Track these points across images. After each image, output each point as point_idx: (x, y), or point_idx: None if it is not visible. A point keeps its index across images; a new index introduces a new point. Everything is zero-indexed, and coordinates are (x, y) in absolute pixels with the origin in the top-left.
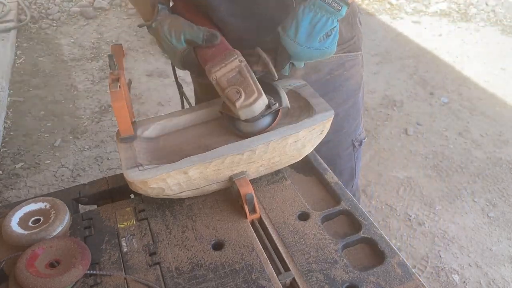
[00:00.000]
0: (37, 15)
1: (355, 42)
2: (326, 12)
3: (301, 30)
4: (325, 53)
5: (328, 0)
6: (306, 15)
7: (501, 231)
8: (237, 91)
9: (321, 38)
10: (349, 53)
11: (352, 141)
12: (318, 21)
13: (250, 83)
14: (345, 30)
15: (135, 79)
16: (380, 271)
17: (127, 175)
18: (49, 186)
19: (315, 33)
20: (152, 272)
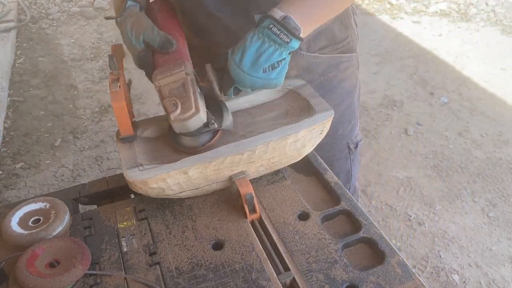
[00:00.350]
0: (37, 15)
1: (349, 43)
2: (274, 43)
3: (246, 57)
4: (270, 84)
5: (276, 31)
6: (254, 43)
7: (501, 231)
8: (174, 103)
9: (266, 69)
10: (343, 54)
11: (347, 143)
12: (265, 50)
13: (190, 98)
14: (338, 30)
15: (135, 79)
16: (380, 271)
17: (127, 175)
18: (49, 186)
19: (260, 63)
20: (152, 272)
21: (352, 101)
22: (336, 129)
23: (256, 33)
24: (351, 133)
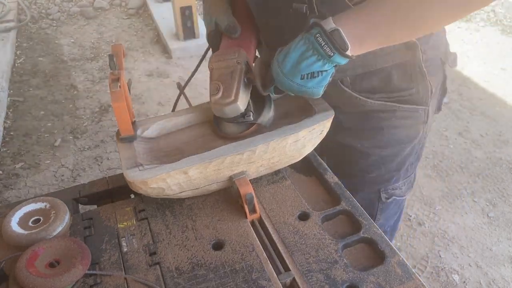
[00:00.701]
0: (37, 15)
1: (413, 95)
2: (317, 52)
3: (288, 59)
4: (306, 92)
5: (321, 41)
6: (299, 47)
7: (501, 231)
8: (217, 87)
9: (305, 76)
10: (399, 104)
11: (379, 190)
12: (307, 58)
13: (232, 86)
14: (398, 78)
15: (135, 79)
16: (380, 271)
17: (127, 175)
18: (49, 186)
19: (300, 68)
20: (152, 272)
21: (401, 152)
22: (370, 169)
23: (303, 38)
24: (387, 183)
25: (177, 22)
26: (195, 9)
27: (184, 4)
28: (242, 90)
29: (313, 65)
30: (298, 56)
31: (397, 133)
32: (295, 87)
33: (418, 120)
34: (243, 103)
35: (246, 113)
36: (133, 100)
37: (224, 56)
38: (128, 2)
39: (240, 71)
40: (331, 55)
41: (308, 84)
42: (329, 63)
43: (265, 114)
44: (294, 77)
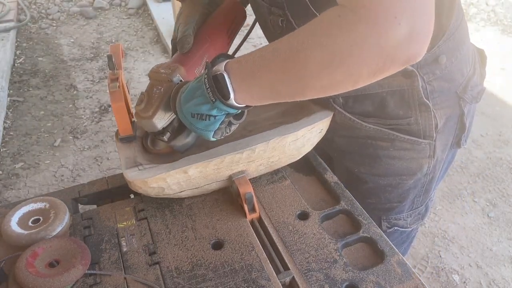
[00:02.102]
0: (37, 15)
1: (411, 125)
2: (203, 94)
3: (186, 94)
4: (196, 131)
5: (206, 84)
6: (194, 85)
7: (501, 231)
8: (142, 99)
9: (195, 115)
10: (397, 133)
11: (380, 218)
12: (196, 97)
13: (154, 102)
14: (394, 105)
15: (135, 79)
16: (380, 270)
17: (126, 175)
18: (49, 186)
19: (190, 106)
20: (152, 271)
21: (401, 185)
22: (367, 194)
23: (200, 77)
24: (388, 212)
25: None
26: None
27: None
28: (163, 108)
29: (200, 106)
30: (192, 93)
31: (396, 164)
32: (187, 123)
33: (421, 154)
34: (160, 121)
35: (163, 132)
36: (132, 100)
37: (162, 70)
38: (128, 2)
39: (167, 88)
40: (213, 100)
41: (197, 125)
42: (216, 108)
43: (180, 139)
44: (187, 113)
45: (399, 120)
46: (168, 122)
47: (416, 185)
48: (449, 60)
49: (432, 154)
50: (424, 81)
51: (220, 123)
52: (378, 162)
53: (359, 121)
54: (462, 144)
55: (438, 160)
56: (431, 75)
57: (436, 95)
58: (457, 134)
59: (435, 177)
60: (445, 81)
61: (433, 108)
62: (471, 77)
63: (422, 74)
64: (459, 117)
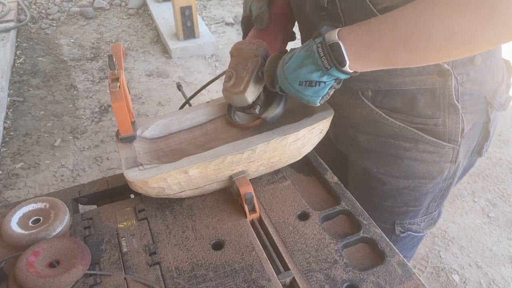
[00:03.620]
0: (37, 15)
1: (438, 126)
2: (316, 62)
3: (291, 62)
4: (303, 98)
5: (321, 52)
6: (302, 53)
7: (501, 231)
8: (230, 75)
9: (303, 83)
10: (422, 133)
11: (394, 221)
12: (306, 65)
13: (244, 77)
14: (424, 103)
15: (135, 79)
16: (380, 270)
17: (127, 175)
18: (49, 186)
19: (299, 74)
20: (152, 272)
21: (419, 188)
22: (384, 196)
23: (307, 45)
24: (403, 215)
25: (177, 22)
26: (195, 9)
27: (184, 4)
28: (253, 83)
29: (311, 74)
30: (299, 62)
31: (416, 167)
32: (293, 91)
33: (443, 158)
34: (251, 95)
35: (253, 106)
36: (133, 100)
37: (246, 46)
38: (128, 2)
39: (255, 63)
40: (328, 68)
41: (305, 92)
42: (327, 75)
43: (271, 110)
44: (293, 82)
45: (426, 119)
46: (257, 96)
47: (434, 190)
48: (484, 62)
49: (455, 159)
50: (457, 81)
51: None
52: (399, 163)
53: (386, 116)
54: (483, 153)
55: (459, 166)
56: (465, 75)
57: (466, 98)
58: (480, 142)
59: (453, 183)
60: (477, 84)
61: (461, 111)
62: (500, 84)
63: (457, 74)
64: (485, 124)
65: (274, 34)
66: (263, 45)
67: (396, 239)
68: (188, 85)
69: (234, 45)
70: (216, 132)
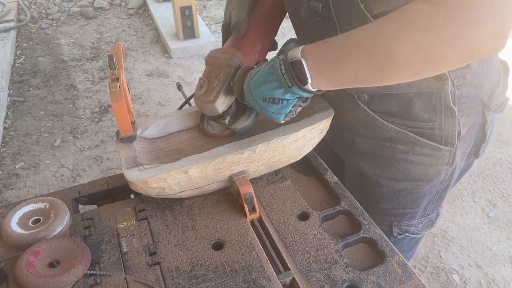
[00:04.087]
0: (37, 15)
1: (434, 130)
2: (278, 79)
3: (257, 78)
4: (267, 115)
5: (283, 70)
6: (266, 70)
7: (501, 231)
8: (202, 83)
9: (267, 99)
10: (418, 137)
11: (391, 223)
12: (269, 82)
13: (215, 87)
14: (420, 106)
15: (135, 79)
16: (380, 270)
17: (127, 175)
18: (49, 186)
19: (263, 90)
20: (152, 272)
21: (416, 190)
22: (381, 198)
23: (271, 62)
24: (400, 217)
25: (177, 22)
26: (195, 9)
27: (184, 4)
28: (223, 93)
29: (274, 90)
30: (263, 78)
31: (413, 169)
32: (258, 107)
33: (440, 160)
34: (221, 105)
35: (223, 116)
36: (133, 100)
37: (220, 55)
38: (128, 2)
39: (228, 73)
40: (290, 85)
41: (269, 108)
42: (290, 93)
43: (240, 122)
44: (258, 98)
45: (422, 123)
46: (228, 106)
47: (431, 192)
48: (480, 65)
49: (451, 162)
50: (453, 85)
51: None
52: (395, 166)
53: (382, 120)
54: (480, 154)
55: (456, 168)
56: (461, 79)
57: (462, 101)
58: (477, 143)
59: (450, 185)
60: (473, 87)
61: (458, 114)
62: (496, 86)
63: (453, 77)
64: (481, 126)
65: (252, 43)
66: (237, 55)
67: (394, 241)
68: (188, 85)
69: (210, 53)
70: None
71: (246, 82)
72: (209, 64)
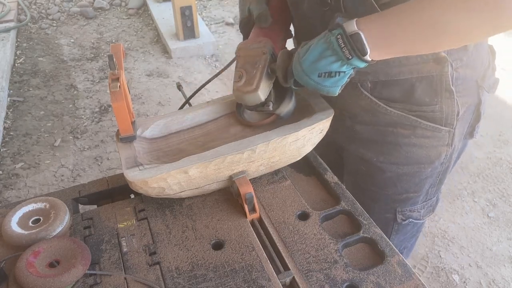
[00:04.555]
0: (37, 15)
1: (435, 112)
2: (336, 53)
3: (308, 56)
4: (322, 90)
5: (341, 43)
6: (320, 45)
7: (501, 231)
8: (240, 74)
9: (322, 74)
10: (420, 120)
11: (395, 210)
12: (326, 57)
13: (255, 75)
14: (421, 90)
15: (135, 79)
16: (380, 270)
17: (127, 175)
18: (49, 186)
19: (318, 66)
20: (152, 272)
21: (418, 173)
22: (384, 186)
23: (324, 37)
24: (403, 203)
25: (177, 22)
26: (195, 9)
27: (184, 4)
28: (264, 80)
29: (331, 65)
30: (317, 54)
31: (415, 152)
32: (312, 84)
33: (440, 141)
34: (264, 92)
35: (266, 103)
36: (133, 100)
37: (251, 45)
38: (128, 2)
39: (264, 61)
40: (350, 58)
41: (325, 83)
42: (347, 65)
43: (285, 105)
44: (312, 74)
45: (424, 107)
46: (268, 93)
47: (432, 174)
48: (475, 47)
49: (451, 142)
50: (452, 67)
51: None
52: (398, 150)
53: (385, 105)
54: (475, 134)
55: (454, 149)
56: (458, 61)
57: (459, 82)
58: (472, 124)
59: (449, 167)
60: (469, 69)
61: (456, 95)
62: (487, 67)
63: (452, 60)
64: (476, 106)
65: (277, 32)
66: (269, 42)
67: (398, 228)
68: (188, 85)
69: (239, 46)
70: (216, 132)
71: (295, 63)
72: (242, 56)
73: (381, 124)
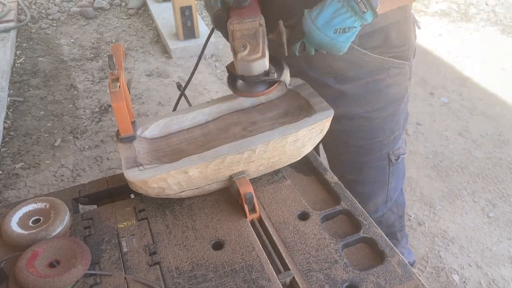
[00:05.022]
0: (37, 15)
1: (404, 51)
2: (352, 9)
3: (323, 15)
4: (336, 46)
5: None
6: (334, 4)
7: (501, 231)
8: (244, 44)
9: (337, 30)
10: (394, 59)
11: (388, 154)
12: (341, 14)
13: (259, 44)
14: (395, 35)
15: (135, 79)
16: (380, 270)
17: (127, 175)
18: (49, 186)
19: (334, 23)
20: (152, 272)
21: (397, 110)
22: (376, 134)
23: None
24: (393, 144)
25: (177, 22)
26: (195, 9)
27: (184, 4)
28: (267, 48)
29: (346, 20)
30: (332, 12)
31: (391, 92)
32: (326, 40)
33: (405, 76)
34: (267, 60)
35: (269, 71)
36: (133, 100)
37: (246, 20)
38: (128, 2)
39: (262, 32)
40: (365, 11)
41: (339, 38)
42: (359, 20)
43: (286, 73)
44: (328, 31)
45: (398, 48)
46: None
47: (404, 109)
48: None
49: (410, 76)
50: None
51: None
52: (379, 95)
53: (370, 53)
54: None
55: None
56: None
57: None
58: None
59: (409, 99)
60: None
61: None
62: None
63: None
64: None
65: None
66: (260, 15)
67: (394, 169)
68: (188, 85)
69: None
70: (216, 132)
71: (308, 23)
72: (238, 30)
73: (363, 75)
